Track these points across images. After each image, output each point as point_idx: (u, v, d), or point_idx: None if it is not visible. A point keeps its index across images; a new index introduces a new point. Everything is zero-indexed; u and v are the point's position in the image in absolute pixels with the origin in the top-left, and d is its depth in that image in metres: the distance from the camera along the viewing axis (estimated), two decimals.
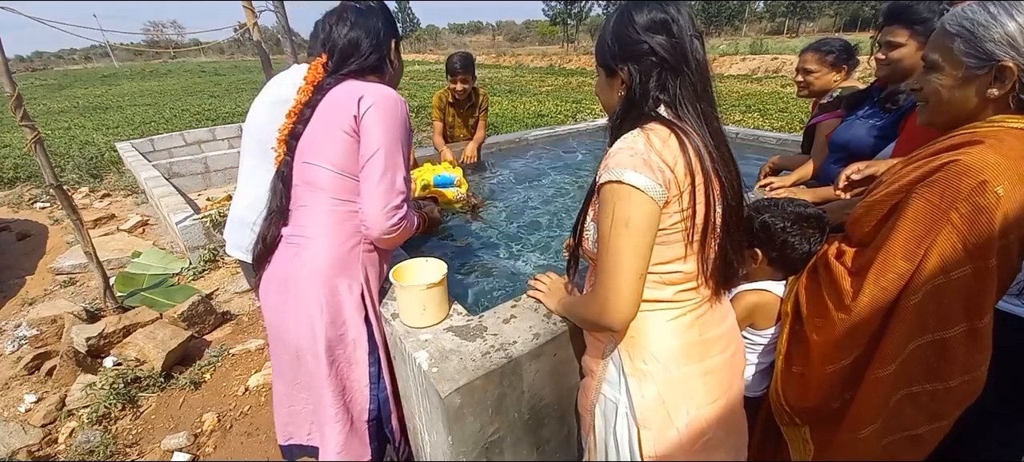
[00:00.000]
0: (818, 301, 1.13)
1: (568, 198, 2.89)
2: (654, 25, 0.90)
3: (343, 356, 1.25)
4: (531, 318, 1.25)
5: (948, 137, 1.00)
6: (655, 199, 0.86)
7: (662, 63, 0.90)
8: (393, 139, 1.17)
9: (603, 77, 1.02)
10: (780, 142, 3.46)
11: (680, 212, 0.91)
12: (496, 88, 15.12)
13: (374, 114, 1.15)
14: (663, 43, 0.90)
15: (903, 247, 0.95)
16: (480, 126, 3.32)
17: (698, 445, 1.00)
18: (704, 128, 0.93)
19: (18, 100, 2.48)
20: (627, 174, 0.86)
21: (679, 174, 0.88)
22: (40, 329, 2.72)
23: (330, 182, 1.19)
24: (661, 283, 0.97)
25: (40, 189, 5.70)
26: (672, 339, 0.99)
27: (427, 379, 1.08)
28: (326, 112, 1.19)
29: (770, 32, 43.20)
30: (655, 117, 0.92)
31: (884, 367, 1.00)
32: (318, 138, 1.20)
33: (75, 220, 2.81)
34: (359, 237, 1.24)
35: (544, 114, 9.87)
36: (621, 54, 0.93)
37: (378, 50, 1.27)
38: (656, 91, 0.92)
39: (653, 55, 0.90)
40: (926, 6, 1.53)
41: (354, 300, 1.24)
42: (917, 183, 0.96)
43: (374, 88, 1.18)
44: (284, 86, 1.47)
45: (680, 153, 0.89)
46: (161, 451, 2.00)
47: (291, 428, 1.39)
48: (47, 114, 12.21)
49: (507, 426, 1.19)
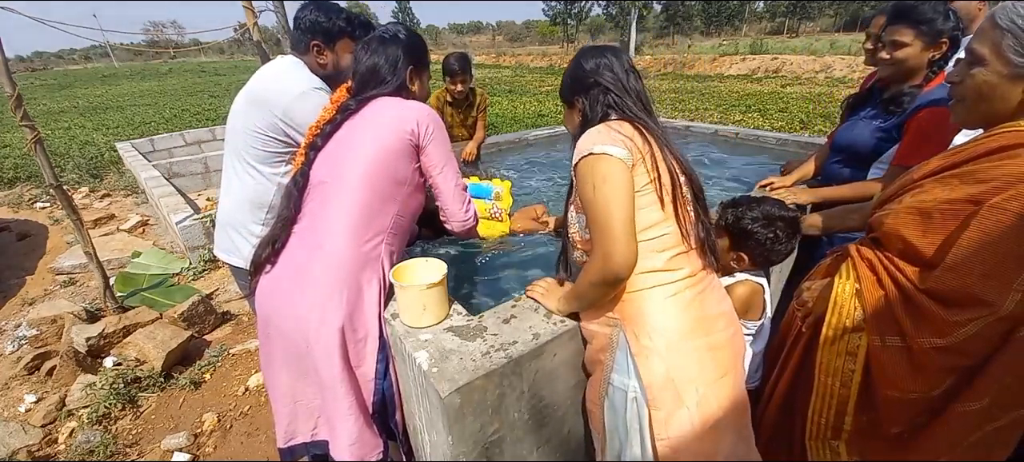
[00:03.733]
0: (889, 321, 1.07)
1: None
2: (597, 66, 1.16)
3: (355, 351, 1.26)
4: (531, 318, 1.25)
5: (992, 137, 0.96)
6: (623, 159, 1.03)
7: (606, 91, 1.15)
8: (449, 151, 1.35)
9: (566, 110, 1.27)
10: (780, 142, 3.45)
11: (646, 173, 1.07)
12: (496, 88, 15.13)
13: (436, 134, 1.31)
14: (606, 77, 1.15)
15: (1013, 271, 0.90)
16: (479, 126, 3.32)
17: (708, 426, 1.01)
18: (645, 119, 1.14)
19: (18, 100, 2.48)
20: (595, 146, 1.03)
21: (638, 142, 1.07)
22: (40, 329, 2.72)
23: (360, 184, 1.25)
24: (651, 250, 1.07)
25: (40, 189, 5.70)
26: (675, 313, 1.05)
27: (427, 379, 1.08)
28: (366, 126, 1.29)
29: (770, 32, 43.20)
30: (608, 116, 1.14)
31: (977, 400, 0.97)
32: (354, 147, 1.28)
33: (75, 220, 2.81)
34: (383, 236, 1.29)
35: (544, 114, 9.87)
36: (576, 88, 1.19)
37: (396, 75, 1.34)
38: (605, 108, 1.15)
39: (598, 86, 1.16)
40: (931, 7, 1.53)
41: (373, 296, 1.27)
42: (984, 193, 0.92)
43: (423, 109, 1.31)
44: (263, 78, 1.57)
45: (634, 131, 1.09)
46: (161, 451, 2.00)
47: (293, 426, 1.38)
48: (47, 114, 12.21)
49: (507, 426, 1.19)
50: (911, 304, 1.03)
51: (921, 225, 1.02)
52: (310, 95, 1.52)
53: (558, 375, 1.24)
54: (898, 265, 1.07)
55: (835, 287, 1.19)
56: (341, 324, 1.21)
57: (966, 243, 0.94)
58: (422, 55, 1.41)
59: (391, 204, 1.29)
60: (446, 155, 1.34)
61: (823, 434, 1.21)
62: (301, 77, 1.56)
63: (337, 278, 1.22)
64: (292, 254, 1.28)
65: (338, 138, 1.30)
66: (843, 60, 17.19)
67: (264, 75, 1.60)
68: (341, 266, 1.23)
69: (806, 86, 13.85)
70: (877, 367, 1.09)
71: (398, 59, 1.33)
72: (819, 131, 7.30)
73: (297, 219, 1.31)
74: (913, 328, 1.02)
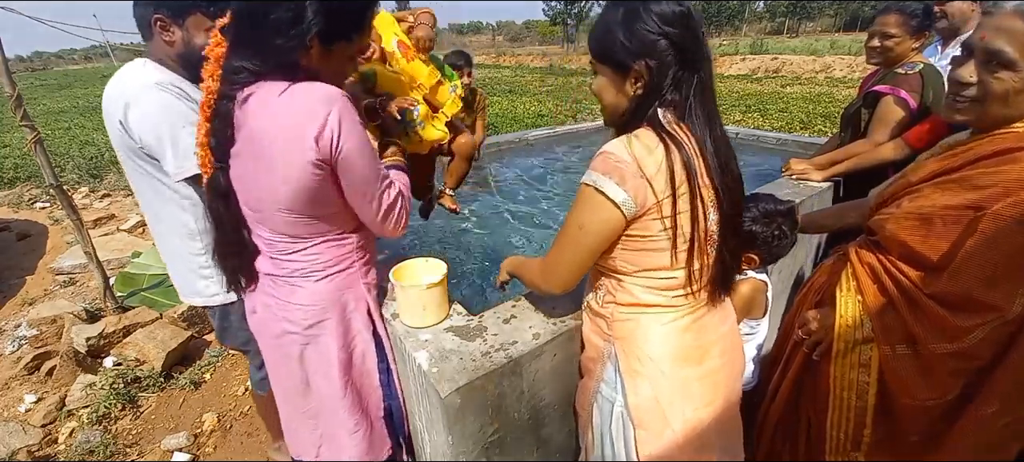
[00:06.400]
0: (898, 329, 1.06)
1: (567, 198, 2.88)
2: (673, 17, 0.85)
3: (355, 371, 1.22)
4: (531, 318, 1.25)
5: (990, 140, 0.94)
6: (621, 209, 0.88)
7: (680, 58, 0.87)
8: (368, 151, 1.01)
9: (610, 75, 0.94)
10: (780, 142, 3.45)
11: (660, 221, 0.91)
12: (496, 88, 15.11)
13: (347, 143, 0.94)
14: (682, 37, 0.85)
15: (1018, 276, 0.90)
16: (479, 126, 3.33)
17: (693, 446, 1.00)
18: (707, 131, 0.91)
19: (18, 100, 2.48)
20: (600, 180, 0.89)
21: (659, 186, 0.88)
22: (40, 329, 2.71)
23: (292, 229, 1.05)
24: (652, 288, 0.98)
25: (40, 189, 5.69)
26: (668, 341, 0.99)
27: (427, 379, 1.08)
28: (260, 155, 0.95)
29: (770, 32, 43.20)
30: (649, 121, 0.90)
31: (992, 404, 0.97)
32: (260, 186, 0.99)
33: (75, 220, 2.81)
34: (353, 257, 1.16)
35: (544, 114, 9.87)
36: (637, 49, 0.87)
37: (282, 49, 0.92)
38: (669, 90, 0.88)
39: (672, 50, 0.86)
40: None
41: (361, 316, 1.21)
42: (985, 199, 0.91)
43: (318, 108, 0.91)
44: (106, 90, 1.26)
45: (664, 163, 0.87)
46: (161, 451, 2.00)
47: (298, 448, 1.35)
48: (47, 114, 12.20)
49: (507, 426, 1.18)
50: (918, 310, 1.02)
51: (922, 230, 1.01)
52: (141, 99, 1.20)
53: (558, 375, 1.24)
54: (901, 269, 1.06)
55: (838, 303, 1.18)
56: (338, 354, 1.17)
57: (969, 250, 0.93)
58: (344, 17, 0.97)
59: (338, 223, 1.10)
60: (363, 163, 1.00)
61: (843, 447, 1.21)
62: (133, 78, 1.24)
63: (319, 313, 1.14)
64: (271, 303, 1.16)
65: (238, 159, 0.99)
66: (843, 60, 17.17)
67: (108, 85, 1.28)
68: (319, 301, 1.13)
69: (806, 86, 13.84)
70: (891, 376, 1.09)
71: (293, 18, 0.90)
72: (819, 131, 7.29)
73: (248, 241, 1.11)
74: (922, 334, 1.01)
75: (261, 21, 0.91)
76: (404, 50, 1.40)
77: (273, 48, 0.92)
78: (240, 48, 0.95)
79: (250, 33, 0.94)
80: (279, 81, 0.93)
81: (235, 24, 0.97)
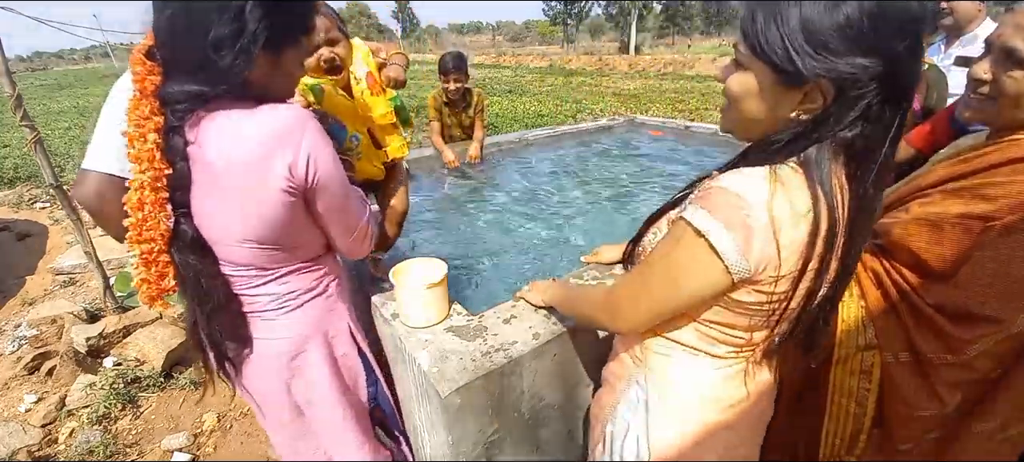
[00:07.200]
0: (900, 337, 1.05)
1: (567, 198, 2.89)
2: (904, 27, 0.59)
3: (349, 393, 1.19)
4: (531, 318, 1.25)
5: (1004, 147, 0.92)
6: (730, 272, 0.68)
7: (888, 86, 0.61)
8: (339, 177, 0.96)
9: (767, 79, 0.68)
10: None
11: (768, 295, 0.71)
12: (496, 88, 15.11)
13: (322, 168, 0.89)
14: (902, 56, 0.60)
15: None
16: (478, 127, 3.33)
17: None
18: (871, 190, 0.69)
19: (18, 100, 2.48)
20: (714, 229, 0.66)
21: (789, 255, 0.67)
22: (40, 329, 2.71)
23: (260, 261, 0.96)
24: (715, 340, 0.82)
25: (40, 189, 5.69)
26: (706, 388, 0.87)
27: (427, 379, 1.08)
28: (223, 185, 0.86)
29: None
30: (807, 161, 0.67)
31: (990, 420, 0.96)
32: (224, 224, 0.90)
33: (75, 220, 2.81)
34: (325, 282, 1.10)
35: (544, 114, 9.86)
36: (827, 60, 0.61)
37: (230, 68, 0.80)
38: (851, 125, 0.64)
39: (881, 71, 0.60)
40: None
41: (345, 339, 1.15)
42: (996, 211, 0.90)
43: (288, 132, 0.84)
44: None
45: (806, 226, 0.66)
46: (161, 451, 2.00)
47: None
48: (47, 114, 12.19)
49: (507, 426, 1.18)
50: (921, 319, 1.01)
51: (930, 237, 0.99)
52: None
53: (558, 375, 1.24)
54: (905, 276, 1.04)
55: (840, 308, 1.16)
56: (329, 383, 1.12)
57: (977, 262, 0.91)
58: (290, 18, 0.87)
59: (307, 250, 1.04)
60: (335, 189, 0.95)
61: (837, 453, 1.20)
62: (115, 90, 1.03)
63: (297, 336, 1.07)
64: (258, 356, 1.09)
65: (196, 194, 0.87)
66: None
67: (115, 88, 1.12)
68: (292, 324, 1.06)
69: None
70: (891, 384, 1.07)
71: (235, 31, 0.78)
72: None
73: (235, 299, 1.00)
74: (924, 344, 1.00)
75: (199, 39, 0.78)
76: (371, 83, 1.38)
77: (217, 68, 0.80)
78: (178, 73, 0.82)
79: (189, 55, 0.81)
80: (232, 102, 0.84)
81: (166, 46, 0.82)
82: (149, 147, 0.81)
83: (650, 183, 3.10)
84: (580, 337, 1.25)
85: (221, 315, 0.98)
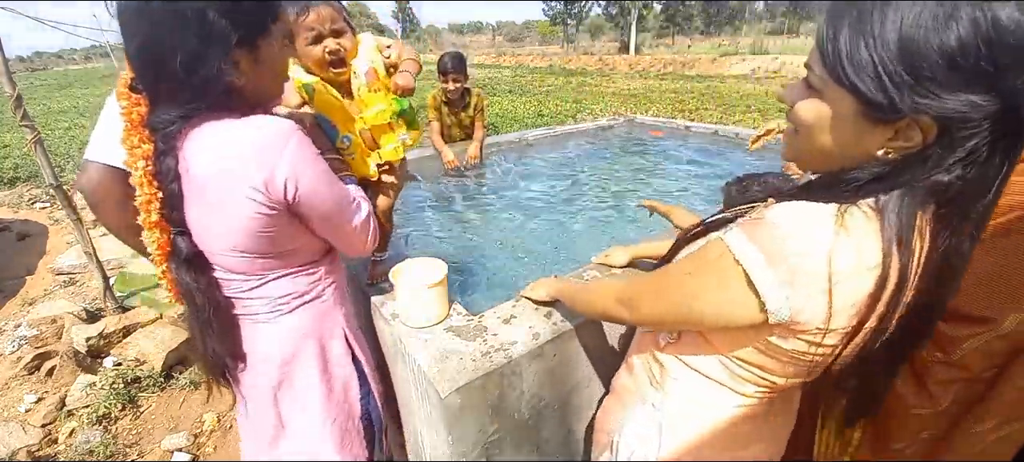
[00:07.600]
0: None
1: (567, 198, 2.89)
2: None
3: (338, 402, 1.15)
4: (531, 318, 1.25)
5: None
6: (764, 312, 0.60)
7: (1008, 122, 0.50)
8: (329, 180, 0.95)
9: (848, 108, 0.56)
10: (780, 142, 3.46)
11: (810, 347, 0.63)
12: (496, 88, 15.11)
13: (305, 185, 0.88)
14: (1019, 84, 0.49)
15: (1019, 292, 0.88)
16: (478, 127, 3.33)
17: None
18: (964, 238, 0.59)
19: (18, 100, 2.48)
20: (753, 260, 0.59)
21: (843, 310, 0.58)
22: (40, 329, 2.71)
23: (250, 270, 0.97)
24: (744, 379, 0.75)
25: (40, 189, 5.69)
26: (727, 426, 0.81)
27: (427, 379, 1.08)
28: (209, 202, 0.86)
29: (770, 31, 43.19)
30: (884, 208, 0.56)
31: (985, 421, 0.96)
32: (213, 238, 0.91)
33: (75, 220, 2.81)
34: (322, 286, 1.09)
35: (544, 114, 9.86)
36: (940, 95, 0.49)
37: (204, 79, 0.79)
38: (948, 169, 0.53)
39: (1011, 103, 0.49)
40: None
41: (340, 345, 1.13)
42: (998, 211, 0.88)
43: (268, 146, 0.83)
44: None
45: (871, 280, 0.57)
46: (161, 451, 2.00)
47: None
48: (47, 114, 12.19)
49: (507, 426, 1.18)
50: None
51: None
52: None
53: (558, 375, 1.24)
54: None
55: None
56: (321, 390, 1.09)
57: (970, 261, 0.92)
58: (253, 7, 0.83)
59: (300, 256, 1.02)
60: (326, 197, 0.94)
61: (831, 452, 1.20)
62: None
63: (290, 339, 1.06)
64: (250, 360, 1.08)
65: (188, 205, 0.88)
66: None
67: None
68: (285, 328, 1.05)
69: None
70: None
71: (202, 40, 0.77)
72: None
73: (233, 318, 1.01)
74: None
75: (171, 63, 0.76)
76: (371, 79, 1.31)
77: (197, 86, 0.79)
78: (161, 100, 0.83)
79: (167, 82, 0.80)
80: (218, 114, 0.84)
81: (143, 78, 0.83)
82: (140, 176, 0.84)
83: (650, 183, 3.10)
84: (581, 338, 1.25)
85: (217, 324, 0.98)
